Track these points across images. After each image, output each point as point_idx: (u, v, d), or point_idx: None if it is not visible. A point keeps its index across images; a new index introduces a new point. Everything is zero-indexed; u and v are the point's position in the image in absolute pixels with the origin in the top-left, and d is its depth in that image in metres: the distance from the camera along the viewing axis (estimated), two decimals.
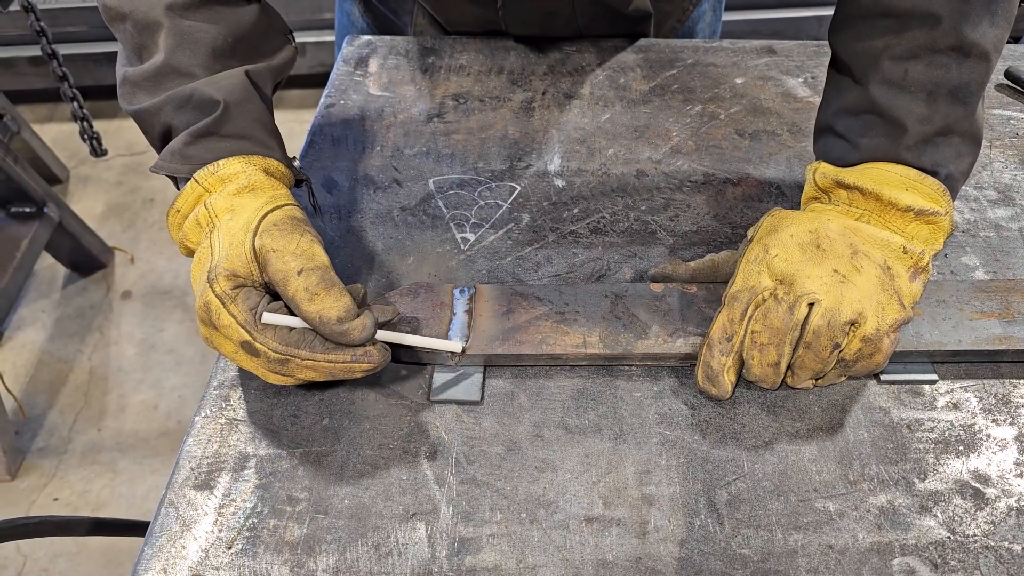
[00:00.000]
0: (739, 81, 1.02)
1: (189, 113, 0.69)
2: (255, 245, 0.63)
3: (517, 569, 0.58)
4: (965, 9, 0.65)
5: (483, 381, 0.69)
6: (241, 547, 0.59)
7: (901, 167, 0.68)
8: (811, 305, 0.62)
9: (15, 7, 1.84)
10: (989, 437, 0.66)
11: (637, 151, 0.93)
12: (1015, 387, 0.69)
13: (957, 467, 0.64)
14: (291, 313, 0.63)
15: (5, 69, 2.60)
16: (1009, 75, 1.02)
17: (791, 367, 0.65)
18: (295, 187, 0.75)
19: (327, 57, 2.61)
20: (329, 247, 0.67)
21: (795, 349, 0.64)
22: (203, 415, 0.67)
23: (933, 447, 0.65)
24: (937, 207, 0.67)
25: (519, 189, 0.88)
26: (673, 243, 0.82)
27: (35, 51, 2.35)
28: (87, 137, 1.98)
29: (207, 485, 0.62)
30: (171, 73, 0.70)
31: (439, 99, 1.00)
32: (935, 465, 0.64)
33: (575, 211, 0.85)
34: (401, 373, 0.69)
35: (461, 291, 0.72)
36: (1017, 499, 0.62)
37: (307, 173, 0.86)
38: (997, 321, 0.70)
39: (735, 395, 0.68)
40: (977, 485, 0.62)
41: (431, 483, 0.62)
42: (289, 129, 0.76)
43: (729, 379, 0.65)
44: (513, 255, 0.80)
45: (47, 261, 2.21)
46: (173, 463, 0.64)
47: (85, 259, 2.21)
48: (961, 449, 0.65)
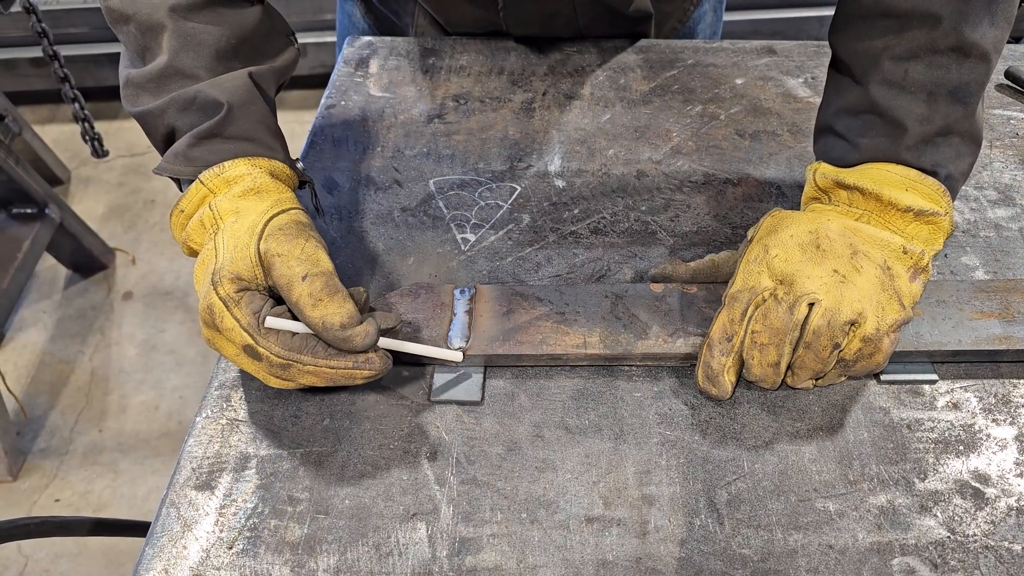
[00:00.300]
0: (739, 81, 1.03)
1: (193, 115, 0.69)
2: (260, 249, 0.63)
3: (517, 569, 0.58)
4: (965, 10, 0.65)
5: (483, 381, 0.69)
6: (242, 547, 0.59)
7: (901, 167, 0.68)
8: (811, 305, 0.62)
9: (16, 8, 1.84)
10: (989, 437, 0.66)
11: (637, 151, 0.93)
12: (1015, 387, 0.69)
13: (957, 467, 0.64)
14: (294, 318, 0.63)
15: (7, 70, 2.60)
16: (1009, 75, 1.02)
17: (791, 367, 0.65)
18: (298, 188, 0.75)
19: (328, 58, 2.61)
20: (330, 248, 0.67)
21: (795, 349, 0.64)
22: (204, 415, 0.67)
23: (933, 447, 0.65)
24: (937, 207, 0.67)
25: (519, 190, 0.88)
26: (673, 243, 0.82)
27: (36, 52, 2.35)
28: (88, 138, 1.98)
29: (208, 485, 0.62)
30: (175, 75, 0.70)
31: (439, 100, 1.00)
32: (935, 465, 0.64)
33: (575, 211, 0.85)
34: (402, 374, 0.70)
35: (461, 291, 0.72)
36: (1017, 499, 0.62)
37: (310, 175, 0.86)
38: (997, 321, 0.70)
39: (735, 395, 0.68)
40: (977, 485, 0.62)
41: (432, 483, 0.62)
42: (290, 130, 0.76)
43: (729, 379, 0.65)
44: (513, 255, 0.81)
45: (48, 262, 2.22)
46: (174, 464, 0.64)
47: (86, 260, 2.22)
48: (961, 449, 0.65)
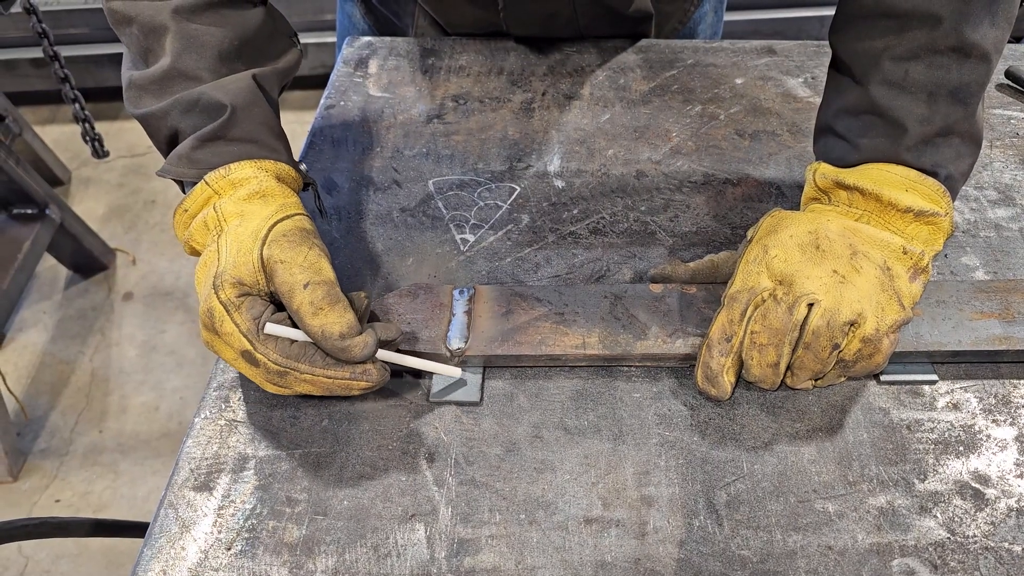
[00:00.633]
0: (739, 81, 1.02)
1: (196, 117, 0.69)
2: (263, 255, 0.63)
3: (516, 570, 0.58)
4: (966, 10, 0.65)
5: (482, 382, 0.69)
6: (240, 548, 0.59)
7: (901, 168, 0.68)
8: (810, 306, 0.62)
9: (17, 9, 1.84)
10: (989, 437, 0.65)
11: (637, 152, 0.92)
12: (1015, 387, 0.69)
13: (957, 468, 0.63)
14: (294, 325, 0.63)
15: (7, 71, 2.61)
16: (1010, 75, 1.02)
17: (790, 368, 0.65)
18: (302, 190, 0.75)
19: (328, 58, 2.61)
20: (329, 248, 0.67)
21: (794, 350, 0.64)
22: (202, 416, 0.67)
23: (933, 448, 0.65)
24: (937, 208, 0.67)
25: (519, 190, 0.88)
26: (672, 244, 0.81)
27: (37, 53, 2.35)
28: (89, 139, 1.99)
29: (206, 486, 0.62)
30: (177, 77, 0.69)
31: (439, 100, 1.00)
32: (935, 466, 0.63)
33: (575, 212, 0.85)
34: (401, 375, 0.69)
35: (460, 292, 0.72)
36: (1017, 500, 0.61)
37: (313, 177, 0.86)
38: (997, 321, 0.70)
39: (734, 396, 0.68)
40: (977, 486, 0.62)
41: (430, 484, 0.62)
42: (290, 130, 0.76)
43: (728, 380, 0.65)
44: (512, 256, 0.80)
45: (49, 263, 2.22)
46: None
47: (87, 260, 2.22)
48: (961, 450, 0.65)
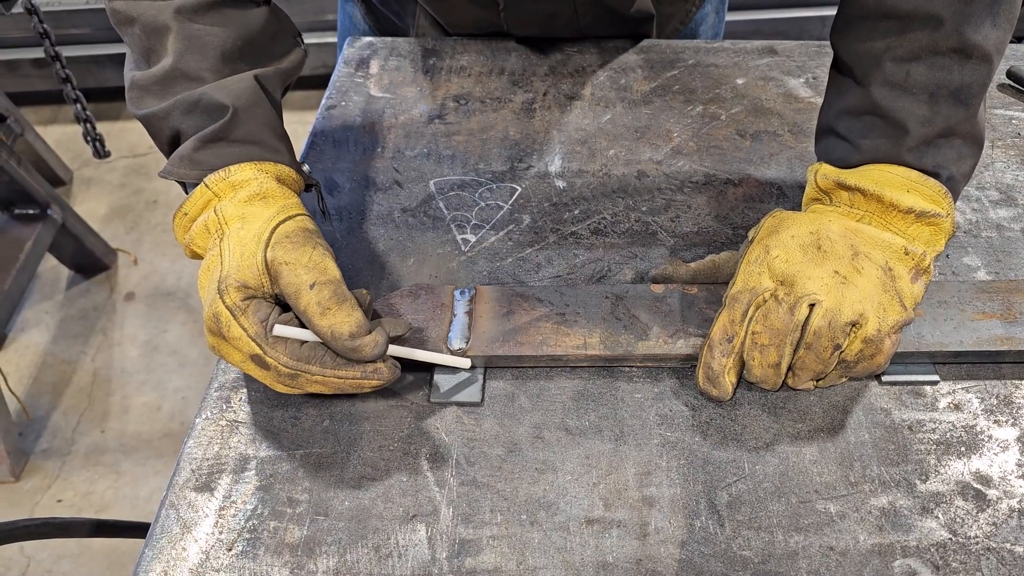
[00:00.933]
0: (740, 81, 1.02)
1: (198, 118, 0.69)
2: (267, 257, 0.62)
3: (517, 571, 0.58)
4: (967, 11, 0.65)
5: (483, 382, 0.69)
6: (241, 549, 0.59)
7: (902, 169, 0.68)
8: (812, 306, 0.62)
9: (18, 9, 1.84)
10: (991, 438, 0.65)
11: (638, 152, 0.92)
12: (1017, 388, 0.69)
13: (959, 468, 0.63)
14: (302, 325, 0.63)
15: (9, 71, 2.61)
16: (1011, 75, 1.02)
17: (792, 368, 0.65)
18: (304, 191, 0.75)
19: (329, 59, 2.61)
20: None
21: (796, 350, 0.64)
22: (204, 417, 0.67)
23: (934, 448, 0.65)
24: (938, 209, 0.67)
25: (520, 190, 0.88)
26: (674, 244, 0.81)
27: (38, 53, 2.34)
28: (90, 139, 1.99)
29: (208, 487, 0.62)
30: (179, 77, 0.69)
31: (440, 100, 1.00)
32: (936, 466, 0.63)
33: (576, 212, 0.85)
34: (402, 377, 0.69)
35: (462, 292, 0.72)
36: (1019, 500, 0.61)
37: (315, 178, 0.86)
38: (999, 322, 0.70)
39: (736, 396, 0.68)
40: (979, 486, 0.62)
41: (431, 485, 0.62)
42: (291, 131, 0.76)
43: (730, 380, 0.65)
44: (514, 256, 0.80)
45: (50, 263, 2.22)
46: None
47: (88, 261, 2.22)
48: (963, 450, 0.64)
